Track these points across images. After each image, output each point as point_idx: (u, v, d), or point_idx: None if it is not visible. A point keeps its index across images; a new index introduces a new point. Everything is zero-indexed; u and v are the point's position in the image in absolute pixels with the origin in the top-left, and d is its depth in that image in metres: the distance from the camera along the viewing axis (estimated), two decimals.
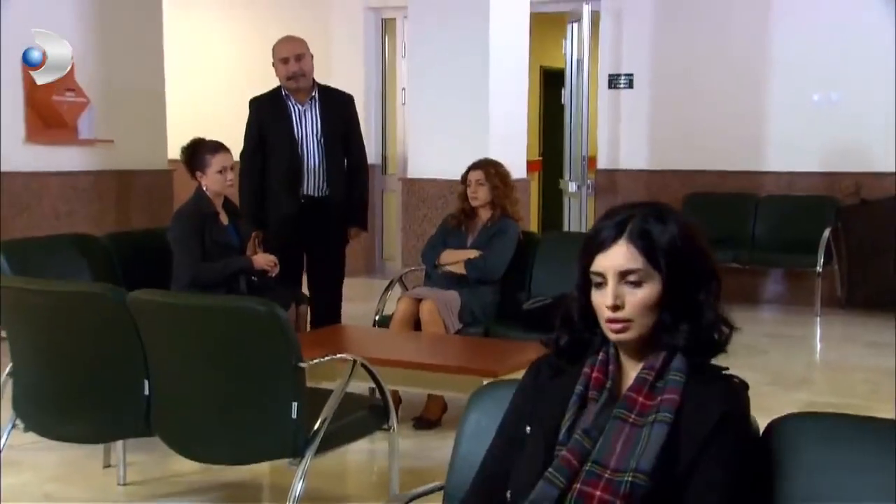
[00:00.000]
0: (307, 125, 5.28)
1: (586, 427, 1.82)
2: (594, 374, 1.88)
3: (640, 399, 1.82)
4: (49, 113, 6.65)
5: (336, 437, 3.26)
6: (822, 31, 7.73)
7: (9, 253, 4.14)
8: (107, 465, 4.05)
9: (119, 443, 3.91)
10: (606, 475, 1.76)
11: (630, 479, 1.73)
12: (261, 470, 4.16)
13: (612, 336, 1.83)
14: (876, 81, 7.52)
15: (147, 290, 3.27)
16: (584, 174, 8.40)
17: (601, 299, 1.83)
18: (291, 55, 5.24)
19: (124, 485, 3.89)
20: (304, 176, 5.25)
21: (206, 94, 9.45)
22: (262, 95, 5.42)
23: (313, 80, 5.34)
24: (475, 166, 5.11)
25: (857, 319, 7.33)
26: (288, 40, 5.37)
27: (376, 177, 9.50)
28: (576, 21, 8.35)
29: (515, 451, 1.90)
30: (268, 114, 5.30)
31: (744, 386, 1.86)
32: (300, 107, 5.28)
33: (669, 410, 1.78)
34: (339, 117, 5.36)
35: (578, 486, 1.76)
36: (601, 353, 1.89)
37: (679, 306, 1.83)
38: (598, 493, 1.75)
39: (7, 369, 3.62)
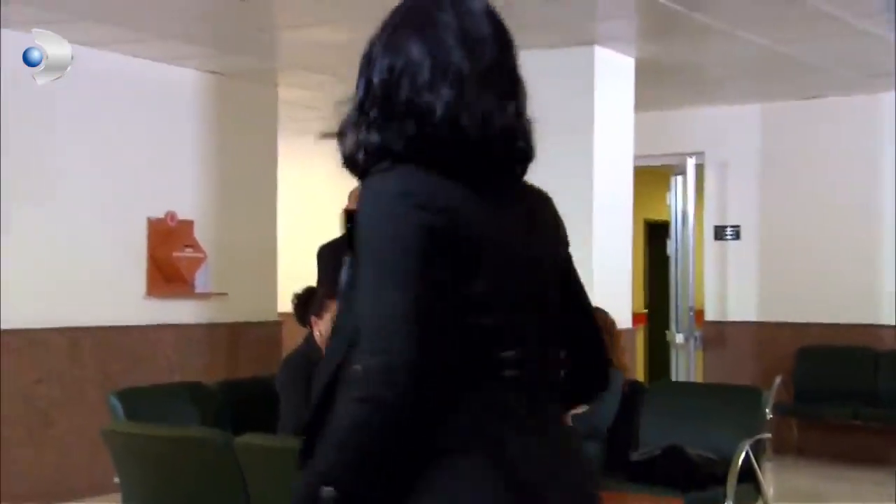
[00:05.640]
0: None
1: None
2: None
3: None
4: (169, 268, 6.95)
5: None
6: None
7: (123, 400, 4.26)
8: None
9: None
10: None
11: None
12: None
13: None
14: None
15: (254, 435, 3.32)
16: (692, 326, 8.28)
17: None
18: None
19: None
20: None
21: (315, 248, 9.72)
22: (333, 241, 5.39)
23: None
24: None
25: None
26: None
27: None
28: (680, 174, 8.41)
29: None
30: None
31: None
32: None
33: None
34: None
35: None
36: None
37: None
38: None
39: None
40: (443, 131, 1.48)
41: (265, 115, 7.79)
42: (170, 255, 6.92)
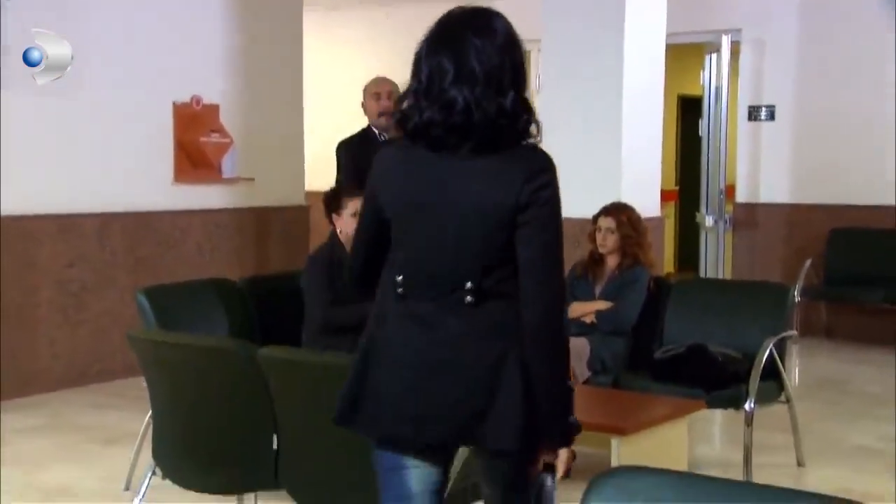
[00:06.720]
0: None
1: None
2: None
3: None
4: (196, 154, 6.92)
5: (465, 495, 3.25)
6: None
7: (151, 298, 4.30)
8: None
9: (251, 495, 3.98)
10: None
11: None
12: None
13: None
14: None
15: (277, 347, 3.34)
16: (722, 208, 8.19)
17: None
18: (383, 91, 5.44)
19: None
20: None
21: (345, 130, 9.63)
22: (351, 138, 5.55)
23: None
24: (606, 211, 5.04)
25: None
26: (381, 79, 5.57)
27: None
28: (714, 52, 8.18)
29: None
30: (364, 156, 5.32)
31: None
32: None
33: None
34: None
35: None
36: None
37: None
38: None
39: (148, 415, 3.77)
40: (460, 117, 2.14)
41: None
42: (196, 140, 6.89)
